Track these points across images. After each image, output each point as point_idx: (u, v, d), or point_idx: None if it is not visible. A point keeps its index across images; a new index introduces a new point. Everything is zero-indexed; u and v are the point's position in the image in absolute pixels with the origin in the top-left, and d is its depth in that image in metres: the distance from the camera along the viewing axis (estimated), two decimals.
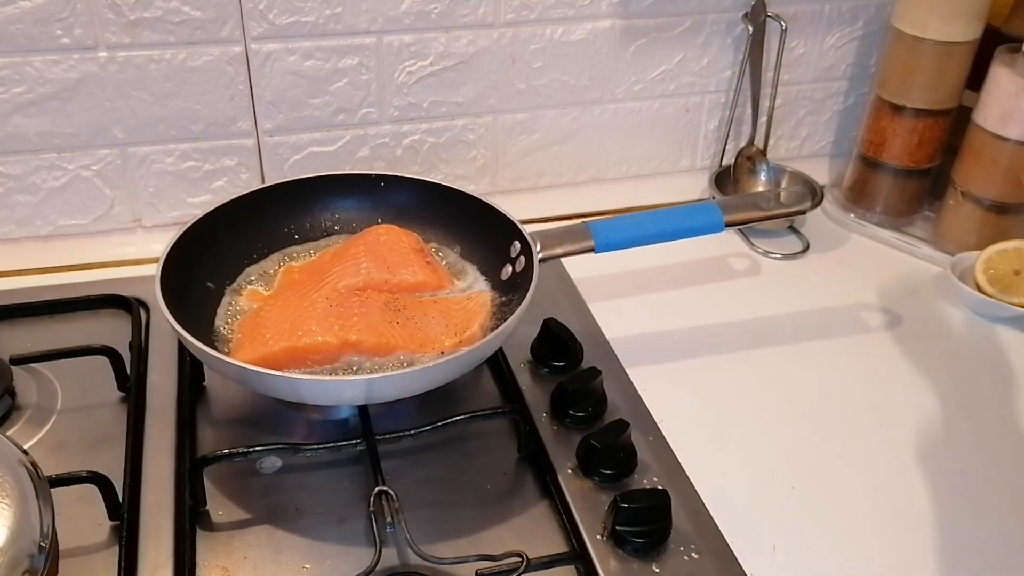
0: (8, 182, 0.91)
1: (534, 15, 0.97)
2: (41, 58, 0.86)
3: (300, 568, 0.62)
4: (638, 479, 0.69)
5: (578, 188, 1.09)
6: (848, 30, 1.10)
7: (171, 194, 0.96)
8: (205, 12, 0.87)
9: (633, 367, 0.81)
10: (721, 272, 0.97)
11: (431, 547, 0.62)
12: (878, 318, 0.90)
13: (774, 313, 0.90)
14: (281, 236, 0.86)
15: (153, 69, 0.89)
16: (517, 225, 0.81)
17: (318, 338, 0.71)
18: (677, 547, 0.64)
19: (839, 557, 0.65)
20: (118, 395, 0.76)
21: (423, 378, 0.67)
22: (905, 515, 0.69)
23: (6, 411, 0.73)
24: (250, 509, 0.67)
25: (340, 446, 0.69)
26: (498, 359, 0.80)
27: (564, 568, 0.63)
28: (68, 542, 0.62)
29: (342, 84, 0.95)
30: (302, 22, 0.90)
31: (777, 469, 0.72)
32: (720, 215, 0.82)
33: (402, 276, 0.79)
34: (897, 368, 0.83)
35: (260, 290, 0.81)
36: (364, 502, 0.66)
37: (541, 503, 0.68)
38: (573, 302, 0.89)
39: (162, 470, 0.69)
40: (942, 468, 0.73)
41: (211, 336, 0.76)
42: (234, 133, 0.95)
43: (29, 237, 0.95)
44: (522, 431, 0.71)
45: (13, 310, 0.83)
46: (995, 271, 0.91)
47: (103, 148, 0.92)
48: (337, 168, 0.99)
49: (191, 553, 0.63)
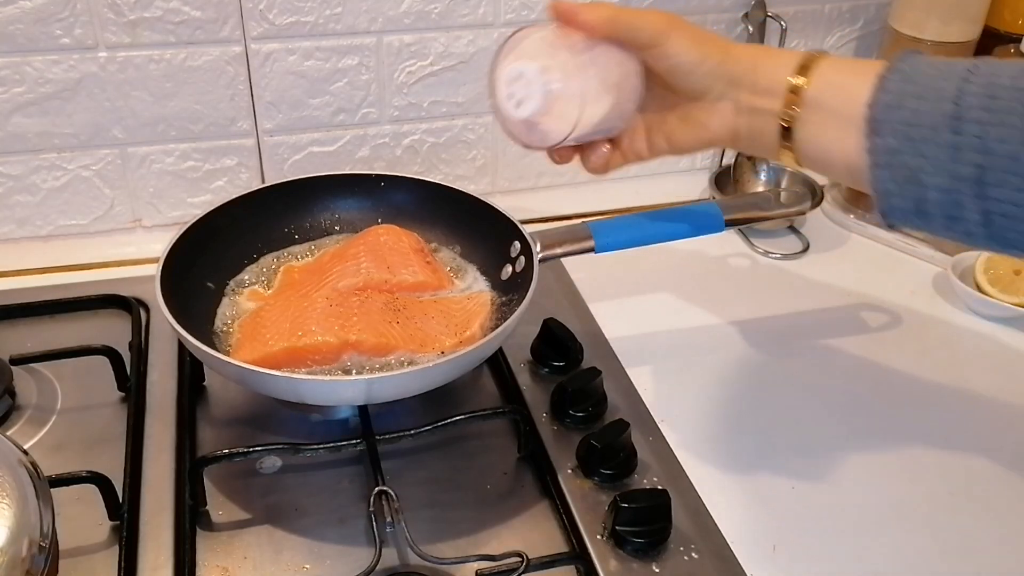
0: (8, 182, 0.91)
1: (534, 15, 0.97)
2: (41, 58, 0.86)
3: (300, 568, 0.62)
4: (638, 479, 0.69)
5: (578, 188, 1.09)
6: (848, 30, 1.10)
7: (171, 194, 0.96)
8: (205, 12, 0.87)
9: (633, 367, 0.81)
10: (721, 272, 0.97)
11: (431, 547, 0.62)
12: (878, 318, 0.90)
13: (774, 313, 0.90)
14: (281, 236, 0.86)
15: (153, 69, 0.89)
16: (517, 225, 0.81)
17: (318, 338, 0.71)
18: (677, 547, 0.64)
19: (839, 557, 0.65)
20: (118, 395, 0.76)
21: (423, 378, 0.67)
22: (905, 515, 0.69)
23: (6, 411, 0.73)
24: (250, 509, 0.67)
25: (340, 446, 0.69)
26: (498, 359, 0.80)
27: (564, 568, 0.63)
28: (68, 542, 0.62)
29: (342, 84, 0.95)
30: (302, 22, 0.90)
31: (777, 469, 0.72)
32: (720, 215, 0.82)
33: (402, 276, 0.79)
34: (897, 368, 0.83)
35: (260, 290, 0.81)
36: (364, 502, 0.66)
37: (541, 503, 0.68)
38: (573, 302, 0.89)
39: (162, 470, 0.69)
40: (942, 468, 0.73)
41: (211, 336, 0.76)
42: (234, 133, 0.95)
43: (29, 237, 0.95)
44: (522, 431, 0.71)
45: (13, 310, 0.83)
46: (995, 271, 0.91)
47: (103, 148, 0.92)
48: (337, 168, 0.99)
49: (191, 553, 0.63)
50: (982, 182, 0.52)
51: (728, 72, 0.61)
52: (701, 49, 0.61)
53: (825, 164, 0.60)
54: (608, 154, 0.67)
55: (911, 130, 0.53)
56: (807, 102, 0.59)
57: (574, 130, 0.61)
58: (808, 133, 0.59)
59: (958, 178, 0.52)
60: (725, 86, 0.62)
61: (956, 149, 0.52)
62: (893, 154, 0.54)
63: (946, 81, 0.53)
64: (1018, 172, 0.50)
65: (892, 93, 0.55)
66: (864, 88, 0.56)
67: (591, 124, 0.62)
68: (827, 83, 0.58)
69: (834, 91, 0.58)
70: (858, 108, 0.56)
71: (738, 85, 0.61)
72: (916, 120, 0.53)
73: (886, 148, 0.55)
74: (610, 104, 0.62)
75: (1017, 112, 0.50)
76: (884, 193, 0.56)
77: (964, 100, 0.52)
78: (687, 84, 0.62)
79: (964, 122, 0.52)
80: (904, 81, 0.54)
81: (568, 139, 0.62)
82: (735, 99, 0.62)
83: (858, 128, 0.56)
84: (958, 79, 0.53)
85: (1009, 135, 0.50)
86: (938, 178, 0.53)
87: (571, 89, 0.60)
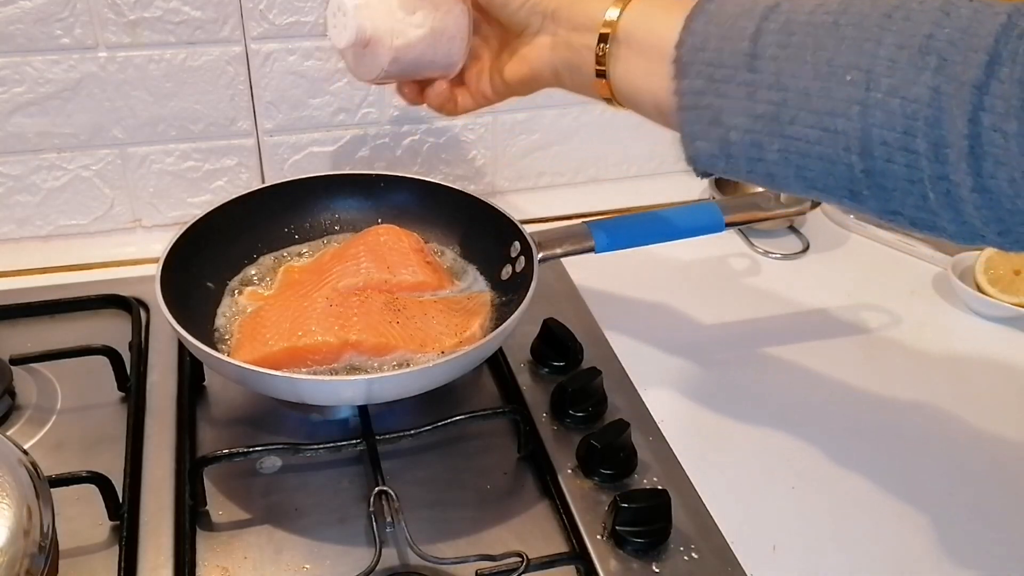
0: (8, 182, 0.91)
1: None
2: (41, 58, 0.86)
3: (300, 568, 0.62)
4: (638, 479, 0.69)
5: (578, 188, 1.09)
6: None
7: (171, 194, 0.96)
8: (205, 12, 0.87)
9: (633, 367, 0.81)
10: (721, 272, 0.97)
11: (431, 547, 0.62)
12: (878, 318, 0.90)
13: (774, 313, 0.90)
14: (281, 236, 0.86)
15: (153, 69, 0.89)
16: (517, 225, 0.81)
17: (318, 338, 0.71)
18: (677, 547, 0.64)
19: (839, 557, 0.65)
20: (118, 395, 0.76)
21: (423, 378, 0.67)
22: (905, 515, 0.69)
23: (6, 411, 0.73)
24: (250, 509, 0.67)
25: (340, 446, 0.69)
26: (498, 359, 0.80)
27: (564, 568, 0.63)
28: (68, 542, 0.62)
29: (342, 84, 0.95)
30: (302, 22, 0.90)
31: (777, 469, 0.72)
32: (720, 215, 0.82)
33: (402, 276, 0.79)
34: (897, 368, 0.83)
35: (260, 290, 0.81)
36: (364, 502, 0.66)
37: (541, 503, 0.68)
38: (573, 302, 0.89)
39: (162, 470, 0.69)
40: (942, 468, 0.73)
41: (211, 336, 0.76)
42: (234, 133, 0.95)
43: (29, 237, 0.95)
44: (522, 431, 0.71)
45: (13, 310, 0.83)
46: (995, 271, 0.91)
47: (103, 148, 0.92)
48: (337, 168, 0.99)
49: (191, 553, 0.63)
50: (778, 119, 0.51)
51: (546, 6, 0.62)
52: None
53: (636, 102, 0.60)
54: (448, 92, 0.70)
55: (714, 71, 0.53)
56: (619, 38, 0.59)
57: (391, 63, 0.65)
58: (620, 70, 0.59)
59: (756, 116, 0.52)
60: (543, 20, 0.63)
61: (753, 87, 0.52)
62: (698, 95, 0.54)
63: (747, 20, 0.53)
64: (810, 108, 0.50)
65: (698, 35, 0.54)
66: (674, 27, 0.55)
67: (409, 58, 0.66)
68: (640, 19, 0.58)
69: (646, 29, 0.58)
70: (667, 48, 0.55)
71: (555, 19, 0.62)
72: (718, 61, 0.53)
73: (692, 89, 0.54)
74: (427, 36, 0.65)
75: (809, 47, 0.50)
76: (690, 135, 0.55)
77: (761, 38, 0.52)
78: (505, 15, 0.64)
79: (760, 59, 0.51)
80: (708, 22, 0.54)
81: (387, 71, 0.66)
82: (553, 33, 0.62)
83: (667, 68, 0.55)
84: (758, 18, 0.52)
85: (801, 71, 0.50)
86: (739, 118, 0.53)
87: (382, 24, 0.64)
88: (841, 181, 0.51)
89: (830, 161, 0.51)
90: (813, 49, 0.50)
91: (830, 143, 0.50)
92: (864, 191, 0.51)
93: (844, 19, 0.50)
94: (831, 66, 0.49)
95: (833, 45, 0.50)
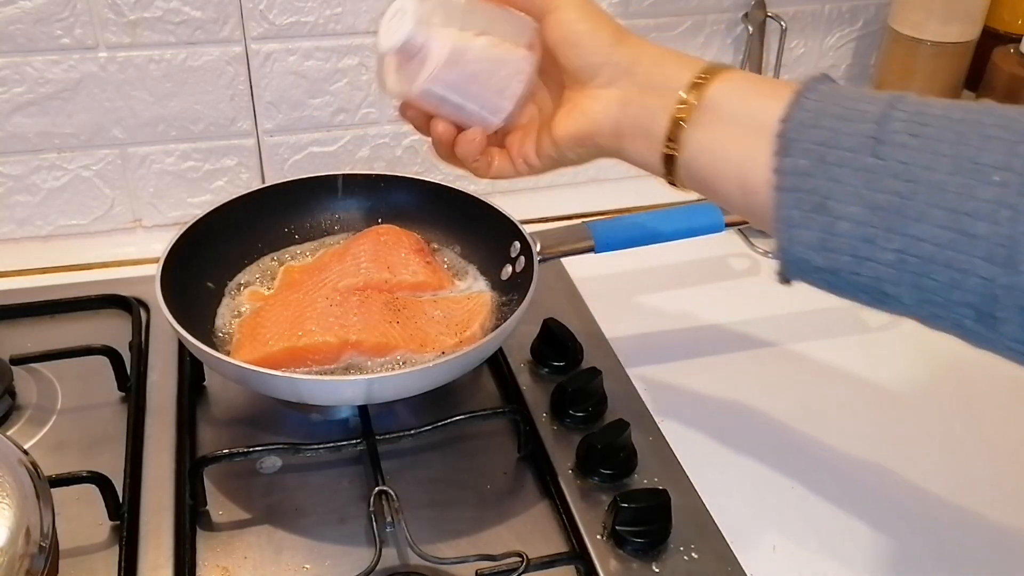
0: (8, 182, 0.91)
1: None
2: (41, 58, 0.86)
3: (300, 568, 0.62)
4: (638, 479, 0.69)
5: (578, 188, 1.09)
6: (848, 30, 1.10)
7: (171, 194, 0.96)
8: (205, 12, 0.87)
9: (633, 367, 0.81)
10: (721, 272, 0.97)
11: (431, 547, 0.62)
12: (878, 318, 0.90)
13: (774, 313, 0.90)
14: (281, 236, 0.86)
15: (153, 69, 0.89)
16: (517, 225, 0.81)
17: (318, 338, 0.71)
18: (677, 547, 0.64)
19: (839, 557, 0.65)
20: (118, 395, 0.76)
21: (423, 378, 0.67)
22: (905, 515, 0.69)
23: (6, 411, 0.73)
24: (250, 509, 0.67)
25: (340, 446, 0.69)
26: (498, 359, 0.80)
27: (564, 568, 0.63)
28: (68, 542, 0.62)
29: (342, 84, 0.95)
30: (302, 22, 0.90)
31: (777, 469, 0.72)
32: (720, 215, 0.82)
33: (402, 276, 0.79)
34: (897, 368, 0.83)
35: (260, 290, 0.81)
36: (364, 502, 0.66)
37: (541, 503, 0.68)
38: (573, 302, 0.89)
39: (162, 470, 0.69)
40: (942, 468, 0.73)
41: (211, 336, 0.76)
42: (234, 133, 0.95)
43: (29, 237, 0.95)
44: (522, 431, 0.71)
45: (13, 310, 0.83)
46: None
47: (103, 148, 0.92)
48: (337, 168, 0.99)
49: (191, 553, 0.63)
50: (902, 214, 0.44)
51: (621, 58, 0.55)
52: (595, 20, 0.56)
53: (712, 178, 0.53)
54: (484, 144, 0.61)
55: (826, 152, 0.46)
56: (707, 103, 0.52)
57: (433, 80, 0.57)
58: (700, 138, 0.52)
59: (874, 208, 0.45)
60: (615, 72, 0.55)
61: (875, 174, 0.45)
62: (802, 177, 0.47)
63: (870, 104, 0.47)
64: (945, 206, 0.43)
65: (810, 111, 0.48)
66: (774, 103, 0.49)
67: (456, 79, 0.58)
68: (733, 89, 0.52)
69: (740, 98, 0.51)
70: (766, 121, 0.49)
71: (630, 74, 0.55)
72: (833, 141, 0.46)
73: (796, 169, 0.47)
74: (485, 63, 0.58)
75: (947, 140, 0.44)
76: (787, 220, 0.48)
77: (889, 124, 0.45)
78: (576, 61, 0.56)
79: (887, 146, 0.45)
80: (823, 100, 0.48)
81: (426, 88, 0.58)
82: (624, 89, 0.55)
83: (763, 143, 0.49)
84: (883, 103, 0.47)
85: (938, 163, 0.43)
86: (852, 207, 0.46)
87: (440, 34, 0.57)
88: (969, 297, 0.44)
89: (960, 271, 0.43)
90: (952, 143, 0.44)
91: (965, 248, 0.43)
92: (999, 312, 0.44)
93: (989, 119, 0.44)
94: (976, 163, 0.43)
95: (978, 142, 0.43)
